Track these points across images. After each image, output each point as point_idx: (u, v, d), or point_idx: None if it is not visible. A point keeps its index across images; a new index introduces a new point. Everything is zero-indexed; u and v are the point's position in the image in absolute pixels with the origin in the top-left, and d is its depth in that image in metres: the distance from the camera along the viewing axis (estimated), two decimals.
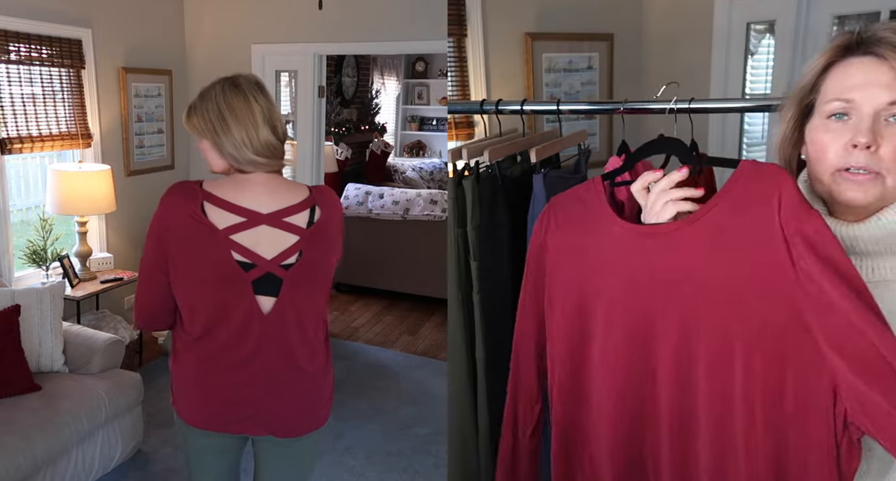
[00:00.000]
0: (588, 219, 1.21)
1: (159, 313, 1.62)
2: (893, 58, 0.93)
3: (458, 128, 3.48)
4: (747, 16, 3.30)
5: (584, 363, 1.20)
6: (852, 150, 0.95)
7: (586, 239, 1.20)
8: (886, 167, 0.94)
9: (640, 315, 1.12)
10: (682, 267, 1.06)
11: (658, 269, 1.09)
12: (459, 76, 3.50)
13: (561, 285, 1.23)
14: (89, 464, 2.70)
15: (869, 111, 0.94)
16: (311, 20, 3.88)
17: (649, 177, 1.14)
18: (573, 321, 1.21)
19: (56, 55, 3.61)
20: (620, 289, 1.14)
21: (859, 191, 0.96)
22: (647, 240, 1.11)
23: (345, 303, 5.28)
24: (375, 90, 8.13)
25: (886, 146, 0.93)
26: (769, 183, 0.99)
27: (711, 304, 1.04)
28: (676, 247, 1.07)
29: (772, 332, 0.98)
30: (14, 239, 3.53)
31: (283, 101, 4.56)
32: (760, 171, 1.02)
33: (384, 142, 7.89)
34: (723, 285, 1.02)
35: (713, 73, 3.42)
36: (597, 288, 1.17)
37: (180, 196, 1.53)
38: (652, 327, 1.11)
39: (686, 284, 1.06)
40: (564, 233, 1.24)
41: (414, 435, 3.32)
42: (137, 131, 4.20)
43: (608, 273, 1.16)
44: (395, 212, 5.25)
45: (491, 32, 3.49)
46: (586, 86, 3.71)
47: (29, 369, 2.71)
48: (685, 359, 1.08)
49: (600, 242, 1.17)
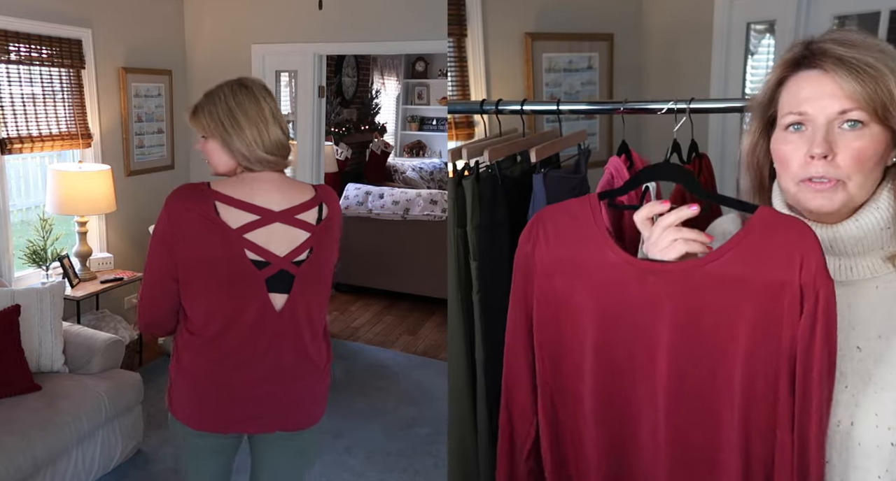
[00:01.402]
0: (582, 239, 1.16)
1: (165, 318, 1.63)
2: (834, 70, 0.98)
3: (458, 128, 3.48)
4: (747, 16, 3.30)
5: (575, 393, 1.18)
6: (811, 161, 0.99)
7: (580, 261, 1.15)
8: (846, 174, 0.98)
9: (632, 349, 1.09)
10: (686, 308, 1.04)
11: (658, 307, 1.06)
12: (459, 76, 3.50)
13: (552, 306, 1.18)
14: (89, 464, 2.70)
15: (822, 122, 0.99)
16: (311, 20, 3.88)
17: (656, 208, 1.09)
18: (563, 347, 1.18)
19: (56, 55, 3.61)
20: (614, 321, 1.11)
21: (824, 200, 1.00)
22: (649, 276, 1.07)
23: (345, 303, 5.28)
24: (375, 90, 8.13)
25: (843, 154, 0.98)
26: (792, 240, 0.98)
27: (709, 349, 1.03)
28: (682, 288, 1.04)
29: (765, 375, 1.01)
30: (14, 239, 3.53)
31: (283, 101, 4.56)
32: (782, 224, 0.99)
33: (384, 142, 7.89)
34: (724, 331, 1.02)
35: (713, 73, 3.42)
36: (590, 315, 1.13)
37: (189, 199, 1.52)
38: (643, 363, 1.09)
39: (687, 326, 1.04)
40: (556, 249, 1.18)
41: (414, 435, 3.32)
42: (137, 131, 4.20)
43: (603, 302, 1.12)
44: (395, 212, 5.25)
45: (491, 32, 3.49)
46: (586, 86, 3.71)
47: (29, 369, 2.71)
48: (674, 397, 1.07)
49: (596, 268, 1.13)
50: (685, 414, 1.07)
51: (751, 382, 1.01)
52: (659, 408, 1.08)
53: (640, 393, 1.10)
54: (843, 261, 1.05)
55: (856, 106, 0.97)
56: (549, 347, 1.20)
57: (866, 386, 0.99)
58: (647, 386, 1.09)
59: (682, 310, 1.04)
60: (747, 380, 1.01)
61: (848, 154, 0.97)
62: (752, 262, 1.00)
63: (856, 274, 1.04)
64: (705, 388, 1.05)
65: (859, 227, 1.02)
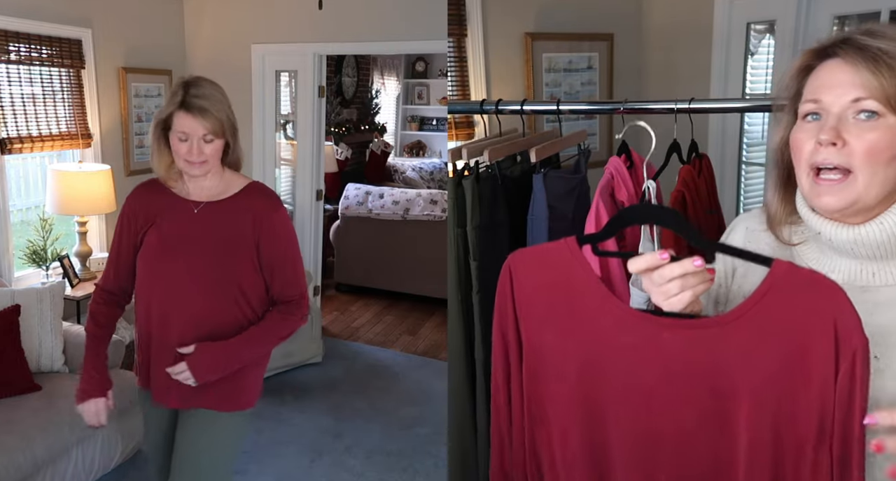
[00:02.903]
0: (571, 289, 1.05)
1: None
2: (852, 59, 0.95)
3: (458, 128, 3.48)
4: (747, 16, 3.30)
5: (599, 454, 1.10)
6: (819, 148, 0.96)
7: (573, 313, 1.05)
8: (857, 164, 0.95)
9: (646, 406, 1.02)
10: (706, 365, 0.97)
11: (674, 364, 0.99)
12: (459, 76, 3.50)
13: (545, 363, 1.10)
14: (89, 464, 2.70)
15: (836, 110, 0.96)
16: (311, 20, 3.88)
17: (653, 260, 0.99)
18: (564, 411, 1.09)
19: (56, 55, 3.61)
20: (625, 377, 1.03)
21: (832, 196, 0.97)
22: (665, 331, 0.98)
23: (345, 303, 5.28)
24: (375, 90, 8.13)
25: (854, 142, 0.94)
26: (820, 301, 0.92)
27: (733, 407, 0.97)
28: (700, 346, 0.97)
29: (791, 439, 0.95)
30: (14, 239, 3.53)
31: (283, 101, 4.56)
32: (806, 282, 0.93)
33: (384, 142, 7.89)
34: (742, 389, 0.96)
35: (713, 73, 3.42)
36: (595, 373, 1.05)
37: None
38: (664, 426, 1.02)
39: (707, 383, 0.98)
40: (542, 300, 1.08)
41: (414, 435, 3.32)
42: (137, 131, 4.20)
43: (609, 358, 1.03)
44: (395, 212, 5.25)
45: (491, 32, 3.49)
46: (586, 86, 3.71)
47: (29, 369, 2.71)
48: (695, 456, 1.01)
49: (594, 322, 1.03)
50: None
51: (773, 445, 0.96)
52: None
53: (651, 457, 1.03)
54: (864, 265, 1.01)
55: (869, 95, 0.94)
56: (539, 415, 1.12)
57: (880, 397, 0.96)
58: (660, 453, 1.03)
59: (698, 370, 0.98)
60: (769, 443, 0.96)
61: (860, 144, 0.94)
62: (776, 322, 0.93)
63: (878, 279, 1.00)
64: (724, 454, 0.99)
65: (882, 230, 0.98)
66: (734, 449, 0.99)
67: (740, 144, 3.41)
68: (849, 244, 1.00)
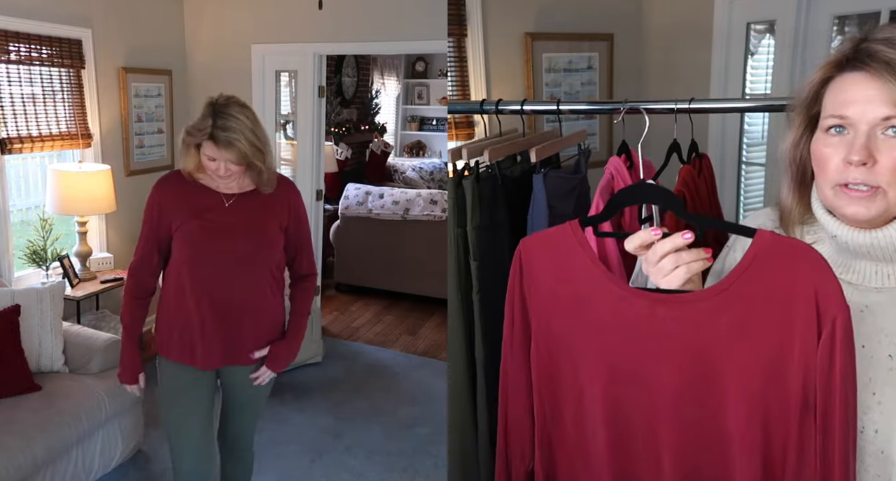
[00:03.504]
0: (574, 271, 1.10)
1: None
2: (880, 74, 0.93)
3: (458, 128, 3.49)
4: (747, 16, 3.30)
5: (577, 440, 1.14)
6: (848, 167, 0.95)
7: (580, 298, 1.10)
8: (886, 181, 0.93)
9: (644, 382, 1.05)
10: (698, 339, 1.01)
11: (669, 338, 1.02)
12: (459, 76, 3.50)
13: (550, 348, 1.14)
14: (89, 464, 2.70)
15: (864, 128, 0.94)
16: (311, 20, 3.88)
17: (646, 236, 1.04)
18: (562, 392, 1.13)
19: (56, 55, 3.61)
20: (623, 355, 1.06)
21: (860, 207, 0.95)
22: (659, 307, 1.03)
23: (345, 303, 5.28)
24: (375, 90, 8.13)
25: (884, 160, 0.93)
26: (803, 269, 0.95)
27: (719, 384, 1.00)
28: (693, 319, 1.01)
29: (786, 404, 0.98)
30: (14, 239, 3.53)
31: (283, 101, 4.56)
32: (789, 251, 0.97)
33: (384, 142, 7.89)
34: (737, 358, 0.99)
35: (713, 73, 3.43)
36: (596, 351, 1.08)
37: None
38: (656, 395, 1.05)
39: (699, 358, 1.01)
40: (549, 286, 1.12)
41: (414, 435, 3.32)
42: (137, 131, 4.20)
43: (609, 336, 1.07)
44: (395, 212, 5.25)
45: (491, 32, 3.49)
46: (586, 86, 3.71)
47: (29, 369, 2.71)
48: (683, 440, 1.04)
49: (599, 304, 1.07)
50: (694, 454, 1.04)
51: (763, 414, 0.98)
52: (664, 453, 1.05)
53: (650, 434, 1.06)
54: (880, 267, 1.00)
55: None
56: (549, 391, 1.15)
57: (894, 394, 0.97)
58: (658, 429, 1.05)
59: (690, 345, 1.01)
60: (759, 412, 0.98)
61: (890, 162, 0.93)
62: (763, 290, 0.96)
63: (893, 281, 1.00)
64: (716, 425, 1.01)
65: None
66: (726, 420, 1.01)
67: (740, 144, 3.41)
68: (866, 247, 0.99)
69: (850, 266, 1.03)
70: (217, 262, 1.94)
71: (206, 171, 1.90)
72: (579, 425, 1.13)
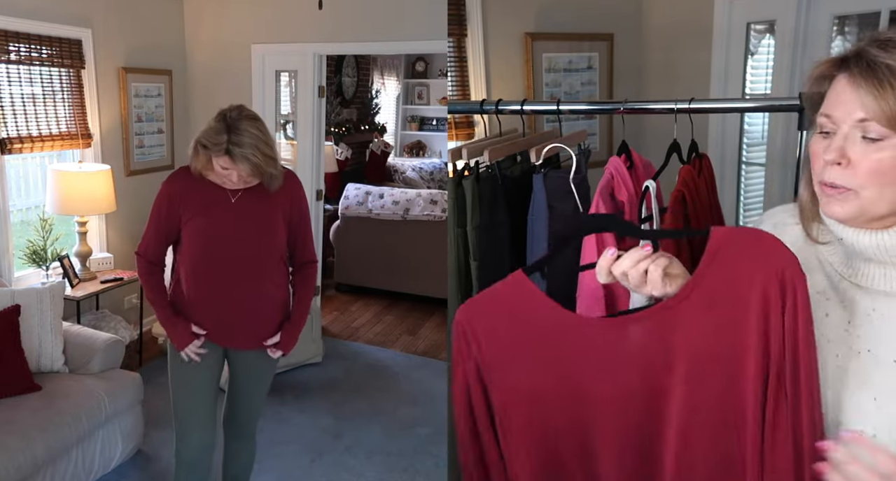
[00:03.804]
0: (535, 324, 1.07)
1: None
2: (858, 77, 0.93)
3: (458, 128, 3.49)
4: (747, 16, 3.30)
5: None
6: (826, 166, 0.96)
7: (540, 347, 1.07)
8: (859, 183, 0.94)
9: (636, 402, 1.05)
10: (676, 346, 1.02)
11: (650, 357, 1.03)
12: (459, 76, 3.51)
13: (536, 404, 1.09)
14: (89, 464, 2.70)
15: (844, 128, 0.95)
16: (311, 20, 3.88)
17: (604, 263, 1.07)
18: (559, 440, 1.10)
19: (56, 55, 3.61)
20: (608, 384, 1.06)
21: (836, 206, 0.97)
22: (631, 326, 1.04)
23: (345, 303, 5.28)
24: (375, 90, 8.13)
25: (861, 162, 0.93)
26: (760, 253, 0.98)
27: (708, 376, 1.01)
28: (668, 328, 1.02)
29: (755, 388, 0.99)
30: (14, 239, 3.53)
31: (284, 101, 4.56)
32: (742, 238, 0.99)
33: (384, 142, 7.89)
34: (717, 356, 1.00)
35: (713, 73, 3.43)
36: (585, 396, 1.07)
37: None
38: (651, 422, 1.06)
39: (681, 362, 1.02)
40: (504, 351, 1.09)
41: (414, 435, 3.32)
42: (137, 131, 4.20)
43: (593, 379, 1.06)
44: (395, 212, 5.25)
45: (491, 32, 3.49)
46: (586, 86, 3.71)
47: (29, 369, 2.71)
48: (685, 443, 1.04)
49: (572, 347, 1.06)
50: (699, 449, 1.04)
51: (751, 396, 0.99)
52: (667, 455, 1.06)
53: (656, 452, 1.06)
54: (888, 270, 0.99)
55: (872, 117, 0.92)
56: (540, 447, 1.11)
57: (894, 399, 0.96)
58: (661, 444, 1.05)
59: (671, 351, 1.02)
60: (749, 396, 0.99)
61: (864, 165, 0.93)
62: (727, 286, 0.98)
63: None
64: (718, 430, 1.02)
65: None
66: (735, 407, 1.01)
67: (740, 144, 3.41)
68: (871, 249, 0.98)
69: (858, 268, 1.02)
70: (224, 254, 2.09)
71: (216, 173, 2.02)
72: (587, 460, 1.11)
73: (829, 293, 1.05)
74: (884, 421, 0.96)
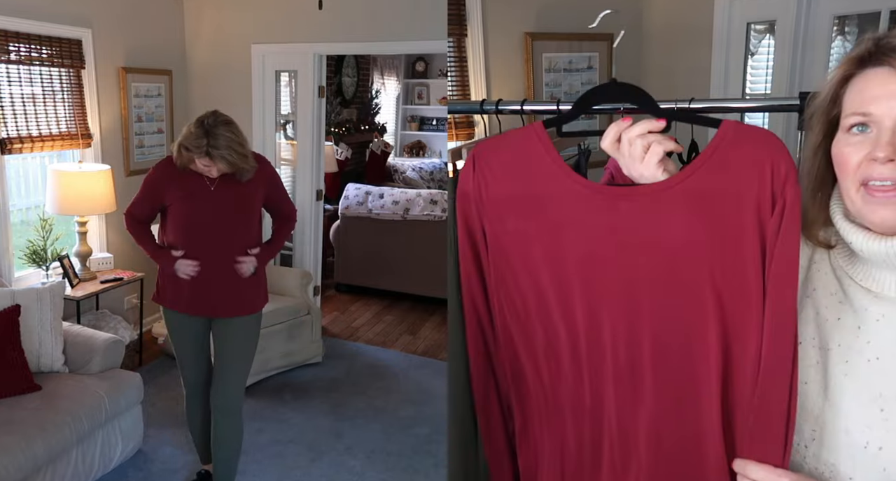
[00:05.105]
0: (538, 174, 1.08)
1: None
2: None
3: (458, 128, 3.49)
4: (747, 16, 3.31)
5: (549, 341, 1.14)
6: (873, 164, 0.91)
7: (539, 197, 1.08)
8: None
9: (608, 279, 1.05)
10: (661, 229, 1.02)
11: (633, 233, 1.03)
12: (459, 76, 3.51)
13: (511, 246, 1.11)
14: (89, 464, 2.70)
15: (889, 124, 0.90)
16: (311, 20, 3.88)
17: (621, 126, 1.06)
18: (525, 299, 1.13)
19: (56, 55, 3.61)
20: (588, 253, 1.06)
21: (888, 210, 0.91)
22: (621, 202, 1.03)
23: (345, 303, 5.28)
24: (375, 90, 8.13)
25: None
26: (760, 150, 0.98)
27: (685, 266, 1.01)
28: (656, 210, 1.02)
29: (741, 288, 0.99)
30: (14, 239, 3.53)
31: (284, 101, 4.56)
32: (749, 135, 0.99)
33: (384, 142, 7.89)
34: (701, 246, 1.00)
35: (713, 73, 3.43)
36: (563, 253, 1.07)
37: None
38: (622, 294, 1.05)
39: (661, 247, 1.02)
40: (507, 187, 1.10)
41: (414, 435, 3.32)
42: (137, 131, 4.20)
43: (574, 236, 1.06)
44: (395, 212, 5.25)
45: (491, 32, 3.49)
46: (586, 86, 3.71)
47: (29, 369, 2.71)
48: (651, 322, 1.04)
49: (560, 203, 1.07)
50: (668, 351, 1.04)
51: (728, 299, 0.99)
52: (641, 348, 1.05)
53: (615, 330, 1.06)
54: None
55: None
56: (510, 304, 1.15)
57: None
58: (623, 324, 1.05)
59: (660, 230, 1.01)
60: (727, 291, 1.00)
61: None
62: (723, 176, 0.98)
63: None
64: (688, 317, 1.01)
65: None
66: (695, 308, 1.01)
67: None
68: (881, 256, 0.94)
69: (869, 273, 0.98)
70: (205, 235, 2.43)
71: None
72: (548, 329, 1.12)
73: (840, 296, 1.01)
74: (890, 434, 0.93)
